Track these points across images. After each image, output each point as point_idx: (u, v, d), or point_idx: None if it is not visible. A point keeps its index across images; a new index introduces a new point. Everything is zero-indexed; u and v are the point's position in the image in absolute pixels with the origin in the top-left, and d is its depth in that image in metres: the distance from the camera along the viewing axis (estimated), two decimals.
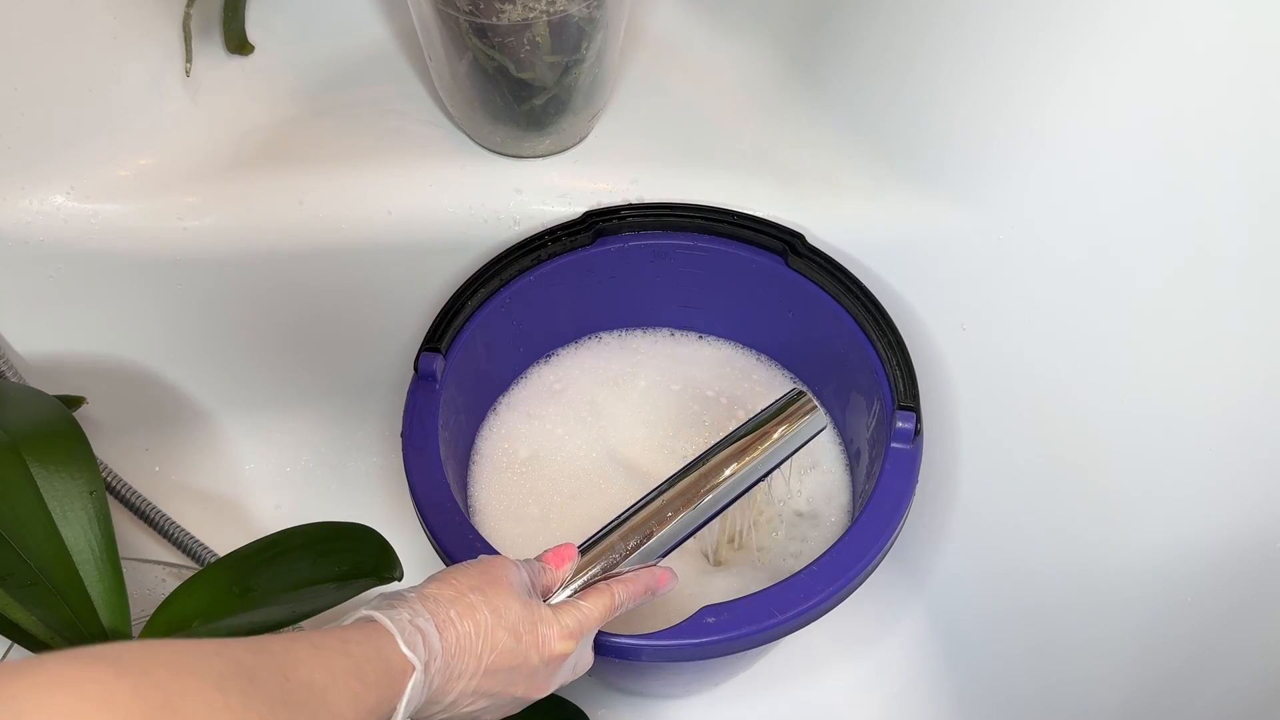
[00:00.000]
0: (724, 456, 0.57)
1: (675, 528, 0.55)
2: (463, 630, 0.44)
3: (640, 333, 0.81)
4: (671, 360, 0.80)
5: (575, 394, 0.78)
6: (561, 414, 0.77)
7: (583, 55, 0.70)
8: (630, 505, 0.56)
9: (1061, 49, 0.60)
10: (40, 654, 0.28)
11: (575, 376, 0.79)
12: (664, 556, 0.55)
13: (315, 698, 0.35)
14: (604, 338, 0.81)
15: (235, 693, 0.31)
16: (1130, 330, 0.63)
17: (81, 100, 0.71)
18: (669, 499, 0.55)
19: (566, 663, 0.49)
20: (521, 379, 0.79)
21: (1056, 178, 0.64)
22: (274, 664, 0.34)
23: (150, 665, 0.30)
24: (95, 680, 0.28)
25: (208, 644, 0.33)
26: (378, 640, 0.40)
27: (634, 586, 0.52)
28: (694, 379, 0.79)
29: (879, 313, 0.69)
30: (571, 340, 0.80)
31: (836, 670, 0.82)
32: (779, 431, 0.58)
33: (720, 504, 0.57)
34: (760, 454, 0.57)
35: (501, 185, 0.76)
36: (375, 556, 0.57)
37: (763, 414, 0.59)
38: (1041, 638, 0.73)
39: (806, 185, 0.75)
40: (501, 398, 0.78)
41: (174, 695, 0.29)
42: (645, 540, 0.54)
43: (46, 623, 0.57)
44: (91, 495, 0.58)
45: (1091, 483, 0.67)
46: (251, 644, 0.34)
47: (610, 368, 0.79)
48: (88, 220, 0.73)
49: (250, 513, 0.89)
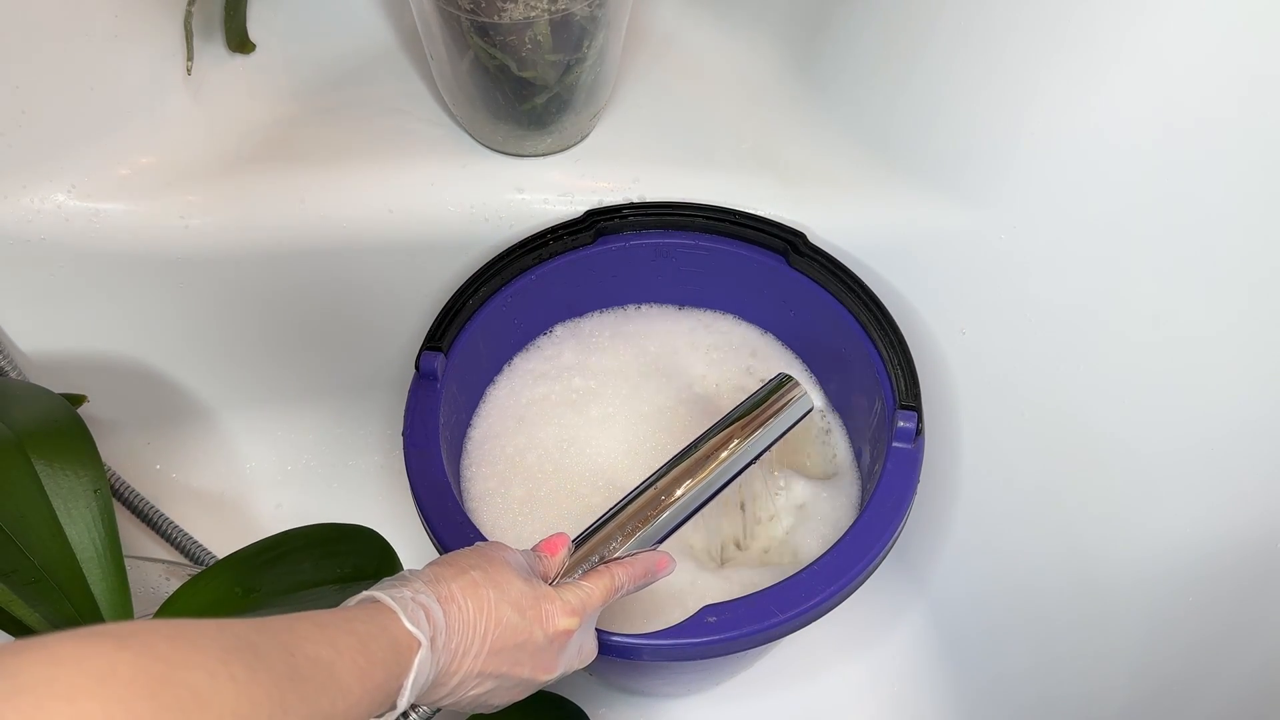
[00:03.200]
0: (715, 442, 0.59)
1: (671, 513, 0.56)
2: (466, 605, 0.44)
3: (638, 327, 0.80)
4: (672, 354, 0.79)
5: (567, 384, 0.77)
6: (555, 404, 0.76)
7: (584, 54, 0.70)
8: (625, 494, 0.57)
9: (1064, 49, 0.60)
10: (43, 634, 0.28)
11: (574, 372, 0.79)
12: (661, 542, 0.56)
13: (321, 671, 0.34)
14: (601, 332, 0.80)
15: (239, 665, 0.31)
16: (1131, 330, 0.63)
17: (83, 99, 0.71)
18: (663, 485, 0.56)
19: (571, 644, 0.49)
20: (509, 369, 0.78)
21: (1058, 177, 0.64)
22: (278, 640, 0.34)
23: (152, 639, 0.29)
24: (96, 654, 0.28)
25: (210, 622, 0.32)
26: (382, 618, 0.40)
27: (633, 569, 0.52)
28: (693, 375, 0.78)
29: (880, 312, 0.69)
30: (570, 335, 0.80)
31: (837, 670, 0.82)
32: (768, 415, 0.60)
33: (714, 488, 0.58)
34: (751, 437, 0.59)
35: (503, 184, 0.76)
36: (377, 559, 0.57)
37: (751, 399, 0.61)
38: (1042, 638, 0.73)
39: (808, 185, 0.75)
40: (490, 389, 0.77)
41: (176, 667, 0.29)
42: (642, 526, 0.55)
43: (49, 620, 0.57)
44: (96, 493, 0.58)
45: (1093, 483, 0.67)
46: (255, 622, 0.34)
47: (608, 360, 0.78)
48: (89, 219, 0.73)
49: (251, 511, 0.90)
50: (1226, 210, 0.57)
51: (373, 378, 0.87)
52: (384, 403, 0.88)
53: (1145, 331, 0.62)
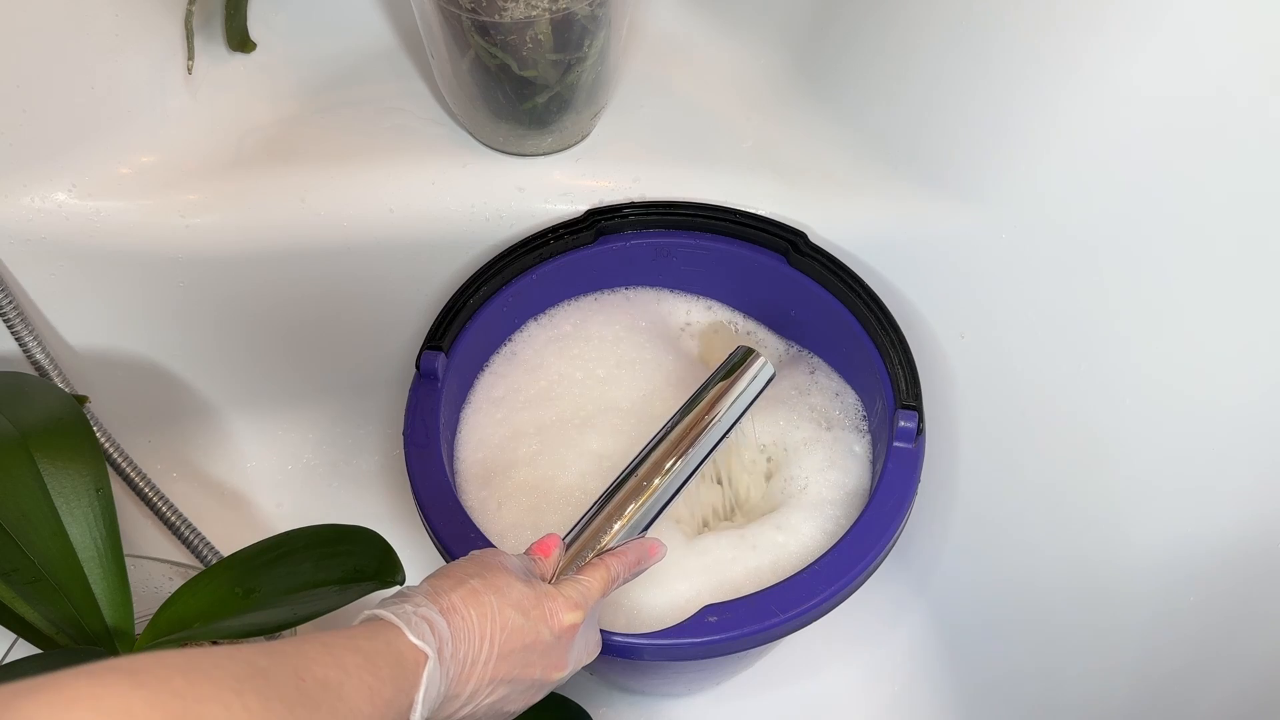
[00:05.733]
0: (687, 423, 0.59)
1: (655, 499, 0.56)
2: (469, 614, 0.44)
3: (636, 321, 0.80)
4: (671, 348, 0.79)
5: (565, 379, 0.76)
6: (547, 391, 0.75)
7: (585, 53, 0.70)
8: (605, 488, 0.57)
9: (1065, 48, 0.60)
10: (54, 671, 0.28)
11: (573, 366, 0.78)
12: (648, 528, 0.57)
13: (331, 694, 0.35)
14: (601, 327, 0.79)
15: (252, 695, 0.31)
16: (1133, 329, 0.63)
17: (83, 98, 0.71)
18: (644, 473, 0.57)
19: (578, 639, 0.50)
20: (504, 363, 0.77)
21: (1060, 177, 0.64)
22: (287, 664, 0.34)
23: (165, 674, 0.29)
24: (111, 694, 0.28)
25: (220, 651, 0.33)
26: (386, 635, 0.40)
27: (626, 558, 0.53)
28: (692, 369, 0.78)
29: (881, 311, 0.69)
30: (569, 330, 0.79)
31: (838, 669, 0.82)
32: (732, 388, 0.61)
33: (691, 467, 0.58)
34: (721, 413, 0.60)
35: (503, 183, 0.76)
36: (378, 560, 0.57)
37: (714, 375, 0.62)
38: (1043, 637, 0.73)
39: (809, 184, 0.75)
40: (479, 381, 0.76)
41: (192, 702, 0.29)
42: (629, 516, 0.55)
43: (50, 619, 0.57)
44: (98, 493, 0.58)
45: (1094, 482, 0.67)
46: (262, 647, 0.34)
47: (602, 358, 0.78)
48: (90, 218, 0.73)
49: (251, 510, 0.90)
50: (1227, 210, 0.57)
51: (373, 377, 0.87)
52: (384, 402, 0.88)
53: (1146, 330, 0.62)
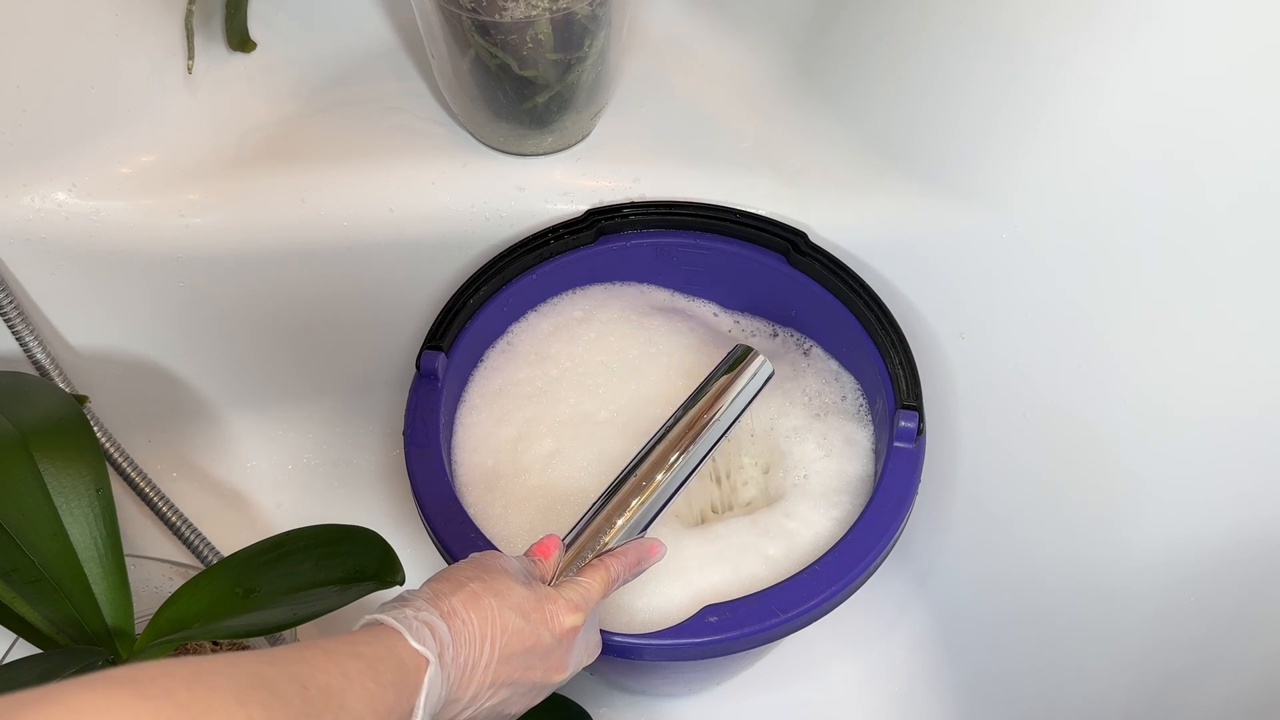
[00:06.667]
0: (686, 423, 0.59)
1: (654, 499, 0.56)
2: (469, 618, 0.44)
3: (635, 321, 0.79)
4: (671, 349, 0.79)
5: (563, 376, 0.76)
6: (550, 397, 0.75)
7: (585, 53, 0.70)
8: (605, 488, 0.57)
9: (1065, 48, 0.60)
10: (56, 681, 0.28)
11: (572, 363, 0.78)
12: (647, 528, 0.56)
13: (334, 702, 0.35)
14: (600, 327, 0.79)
15: (256, 705, 0.31)
16: (1133, 330, 0.63)
17: (83, 97, 0.71)
18: (643, 473, 0.57)
19: (579, 640, 0.50)
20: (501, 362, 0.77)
21: (1060, 177, 0.64)
22: (290, 673, 0.34)
23: (170, 685, 0.29)
24: (117, 705, 0.28)
25: (223, 659, 0.33)
26: (388, 640, 0.40)
27: (626, 559, 0.53)
28: (691, 368, 0.78)
29: (881, 311, 0.69)
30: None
31: (838, 670, 0.82)
32: (730, 387, 0.61)
33: (690, 467, 0.58)
34: (719, 413, 0.60)
35: (503, 183, 0.76)
36: (378, 560, 0.57)
37: (713, 374, 0.62)
38: (1043, 637, 0.73)
39: (809, 184, 0.75)
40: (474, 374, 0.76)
41: (198, 713, 0.29)
42: (628, 516, 0.55)
43: (50, 619, 0.57)
44: (98, 493, 0.58)
45: (1094, 482, 0.67)
46: (265, 655, 0.34)
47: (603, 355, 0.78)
48: (89, 217, 0.73)
49: (251, 510, 0.90)
50: (1227, 211, 0.57)
51: (373, 377, 0.87)
52: (384, 402, 0.88)
53: (1146, 330, 0.62)
